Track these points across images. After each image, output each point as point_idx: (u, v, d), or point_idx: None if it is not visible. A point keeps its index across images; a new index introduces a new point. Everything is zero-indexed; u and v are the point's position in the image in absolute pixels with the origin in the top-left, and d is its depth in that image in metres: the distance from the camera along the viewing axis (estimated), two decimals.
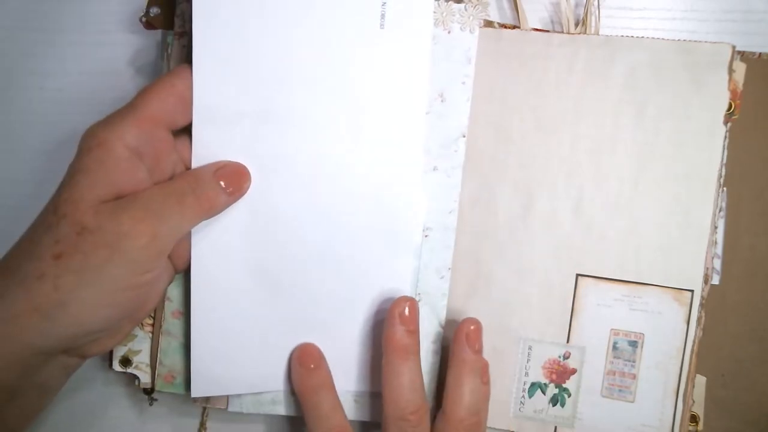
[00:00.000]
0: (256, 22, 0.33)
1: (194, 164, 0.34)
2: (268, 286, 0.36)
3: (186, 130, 0.34)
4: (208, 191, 0.32)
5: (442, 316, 0.38)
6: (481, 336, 0.36)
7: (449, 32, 0.36)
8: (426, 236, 0.37)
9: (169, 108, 0.32)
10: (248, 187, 0.34)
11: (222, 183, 0.33)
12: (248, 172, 0.34)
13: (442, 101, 0.37)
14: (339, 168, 0.35)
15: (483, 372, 0.36)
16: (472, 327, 0.35)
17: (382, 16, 0.33)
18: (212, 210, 0.33)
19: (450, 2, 0.36)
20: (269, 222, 0.35)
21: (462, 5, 0.36)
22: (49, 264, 0.29)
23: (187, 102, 0.33)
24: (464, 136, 0.37)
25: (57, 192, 0.31)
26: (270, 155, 0.34)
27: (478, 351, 0.35)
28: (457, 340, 0.35)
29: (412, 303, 0.35)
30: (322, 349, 0.36)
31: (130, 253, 0.30)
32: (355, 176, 0.35)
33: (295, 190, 0.35)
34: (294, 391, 0.36)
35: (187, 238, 0.34)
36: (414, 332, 0.35)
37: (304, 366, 0.35)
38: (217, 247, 0.35)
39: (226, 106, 0.33)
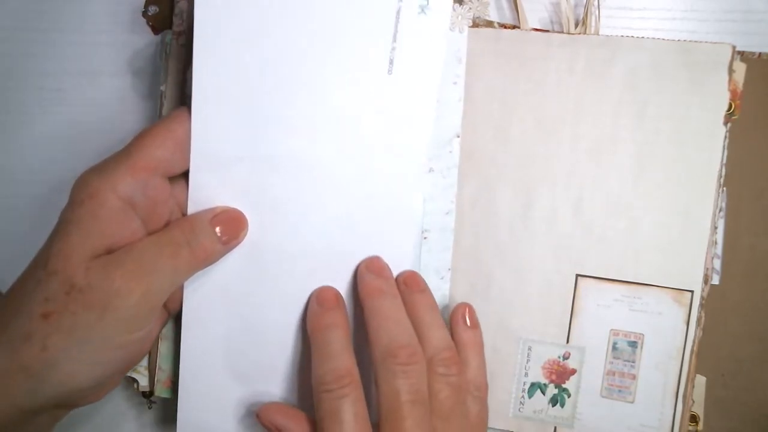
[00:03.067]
0: (258, 65, 0.32)
1: (190, 210, 0.33)
2: (261, 335, 0.35)
3: (183, 173, 0.33)
4: (203, 241, 0.31)
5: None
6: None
7: None
8: (425, 238, 0.37)
9: (167, 155, 0.31)
10: (245, 235, 0.33)
11: (218, 230, 0.32)
12: (245, 218, 0.33)
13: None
14: (338, 214, 0.34)
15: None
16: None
17: (391, 62, 0.33)
18: (207, 261, 0.32)
19: None
20: (264, 268, 0.34)
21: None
22: (38, 323, 0.28)
23: (185, 147, 0.32)
24: (458, 136, 0.37)
25: (48, 244, 0.30)
26: (267, 199, 0.33)
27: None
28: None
29: (378, 258, 0.34)
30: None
31: (121, 311, 0.29)
32: (354, 223, 0.34)
33: (291, 236, 0.34)
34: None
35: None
36: (388, 278, 0.33)
37: (322, 305, 0.33)
38: (209, 292, 0.34)
39: (225, 150, 0.32)
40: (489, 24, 0.38)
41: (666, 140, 0.37)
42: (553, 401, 0.38)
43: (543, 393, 0.38)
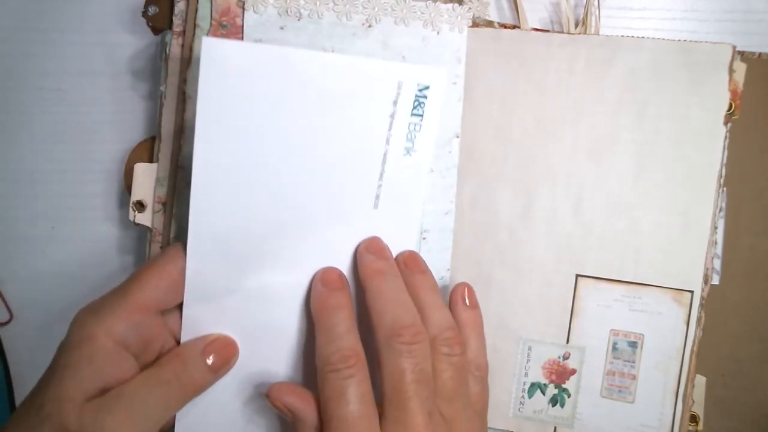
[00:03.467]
0: (252, 207, 0.33)
1: (183, 339, 0.34)
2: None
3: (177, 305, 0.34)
4: (194, 375, 0.32)
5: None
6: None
7: (438, 33, 0.36)
8: (424, 238, 0.37)
9: (161, 295, 0.32)
10: (236, 361, 0.34)
11: (210, 359, 0.33)
12: (237, 345, 0.34)
13: None
14: None
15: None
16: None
17: (377, 197, 0.34)
18: (198, 392, 0.32)
19: (438, 2, 0.36)
20: (255, 393, 0.35)
21: (449, 5, 0.36)
22: None
23: (179, 285, 0.33)
24: (458, 137, 0.37)
25: (43, 386, 0.30)
26: (258, 327, 0.34)
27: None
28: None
29: (378, 238, 0.34)
30: None
31: None
32: None
33: (281, 362, 0.35)
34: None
35: None
36: (388, 258, 0.34)
37: (327, 286, 0.33)
38: (202, 416, 0.35)
39: (218, 285, 0.33)
40: (489, 24, 0.37)
41: (666, 140, 0.37)
42: (553, 401, 0.38)
43: (543, 393, 0.38)
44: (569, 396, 0.38)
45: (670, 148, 0.37)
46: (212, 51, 0.30)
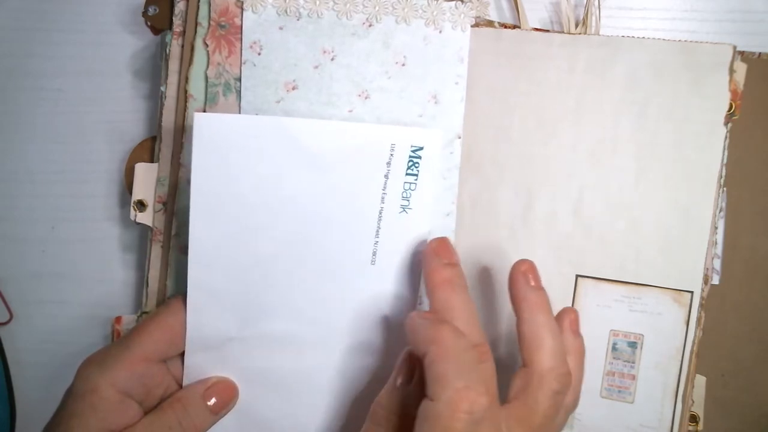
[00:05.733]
0: (250, 263, 0.34)
1: (185, 383, 0.35)
2: None
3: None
4: (194, 419, 0.33)
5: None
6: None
7: (440, 31, 0.36)
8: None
9: (163, 347, 0.34)
10: (235, 403, 0.35)
11: (210, 402, 0.34)
12: (236, 387, 0.35)
13: (435, 103, 0.36)
14: (324, 383, 0.36)
15: (572, 323, 0.33)
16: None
17: (374, 253, 0.34)
18: None
19: (440, 0, 0.36)
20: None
21: (452, 3, 0.36)
22: None
23: (180, 336, 0.34)
24: (459, 138, 0.37)
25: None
26: (257, 371, 0.35)
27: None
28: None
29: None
30: None
31: None
32: (339, 391, 0.36)
33: (281, 403, 0.36)
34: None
35: None
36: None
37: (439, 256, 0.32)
38: None
39: (218, 335, 0.34)
40: (489, 24, 0.37)
41: (666, 140, 0.37)
42: None
43: None
44: None
45: (670, 148, 0.37)
46: (203, 125, 0.32)
